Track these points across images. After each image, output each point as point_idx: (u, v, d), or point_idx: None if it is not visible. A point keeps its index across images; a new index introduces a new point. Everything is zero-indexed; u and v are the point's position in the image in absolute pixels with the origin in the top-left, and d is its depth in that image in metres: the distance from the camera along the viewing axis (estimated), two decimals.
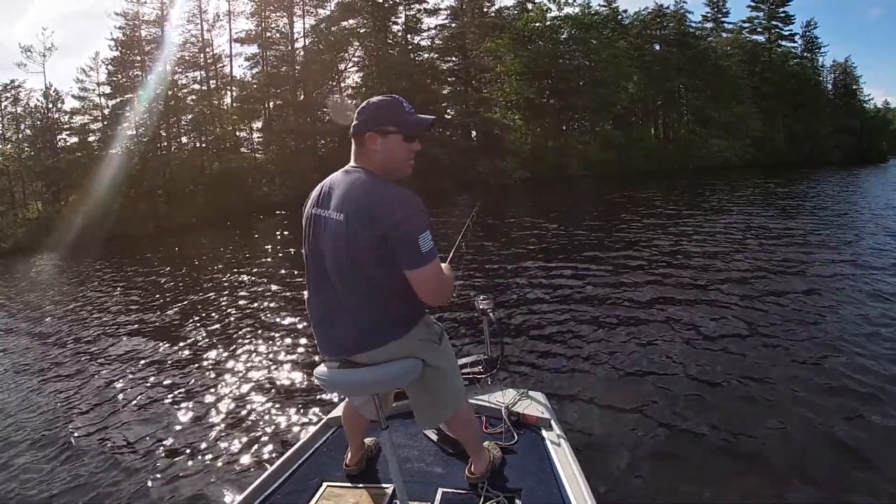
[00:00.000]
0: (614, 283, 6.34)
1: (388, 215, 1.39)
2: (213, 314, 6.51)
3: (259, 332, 5.51)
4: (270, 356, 4.73)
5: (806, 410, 3.14)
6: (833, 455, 2.72)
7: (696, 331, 4.57)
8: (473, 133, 32.61)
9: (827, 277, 6.18)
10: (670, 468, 2.67)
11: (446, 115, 32.23)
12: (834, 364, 3.74)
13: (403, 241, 1.39)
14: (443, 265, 1.53)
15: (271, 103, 28.45)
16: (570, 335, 4.62)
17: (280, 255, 11.11)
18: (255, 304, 6.78)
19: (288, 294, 7.11)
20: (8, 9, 45.93)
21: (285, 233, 14.82)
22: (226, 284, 8.43)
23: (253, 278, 8.67)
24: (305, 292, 1.62)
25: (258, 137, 29.11)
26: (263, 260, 10.62)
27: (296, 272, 8.32)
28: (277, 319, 5.94)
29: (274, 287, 7.74)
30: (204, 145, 27.21)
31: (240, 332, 5.55)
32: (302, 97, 28.23)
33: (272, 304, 6.72)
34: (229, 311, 6.58)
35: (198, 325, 6.10)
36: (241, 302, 7.01)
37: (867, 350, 3.95)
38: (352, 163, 1.54)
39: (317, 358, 3.68)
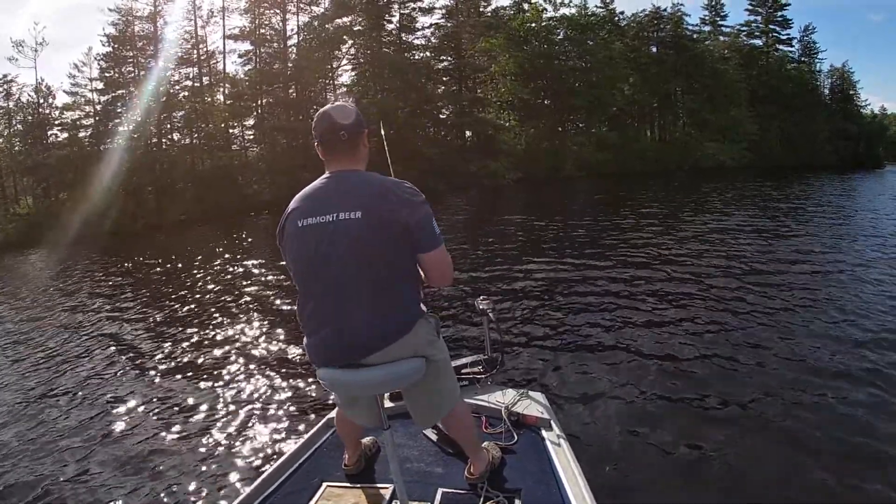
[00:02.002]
0: (614, 284, 6.34)
1: (407, 204, 1.48)
2: (207, 313, 6.44)
3: (256, 331, 5.46)
4: (269, 355, 4.68)
5: (808, 412, 3.12)
6: (839, 458, 2.69)
7: (697, 331, 4.57)
8: (468, 133, 32.56)
9: (825, 282, 6.19)
10: (671, 469, 2.65)
11: (441, 115, 32.21)
12: (840, 367, 3.71)
13: (422, 226, 1.49)
14: None
15: (263, 100, 28.32)
16: (571, 335, 4.61)
17: (272, 254, 10.99)
18: (251, 304, 6.69)
19: (284, 293, 7.02)
20: (7, 2, 45.48)
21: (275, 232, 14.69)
22: (219, 283, 8.35)
23: (246, 277, 8.59)
24: (297, 305, 1.60)
25: (250, 135, 29.01)
26: (256, 259, 10.49)
27: (286, 274, 8.18)
28: (274, 319, 5.87)
29: (269, 286, 7.66)
30: (196, 142, 27.08)
31: (235, 332, 5.48)
32: (294, 95, 28.11)
33: (268, 304, 6.64)
34: (223, 309, 6.51)
35: (192, 323, 6.03)
36: (235, 301, 6.93)
37: (875, 353, 3.94)
38: (338, 166, 1.57)
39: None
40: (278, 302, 6.63)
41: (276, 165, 24.69)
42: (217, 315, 6.27)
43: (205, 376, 4.32)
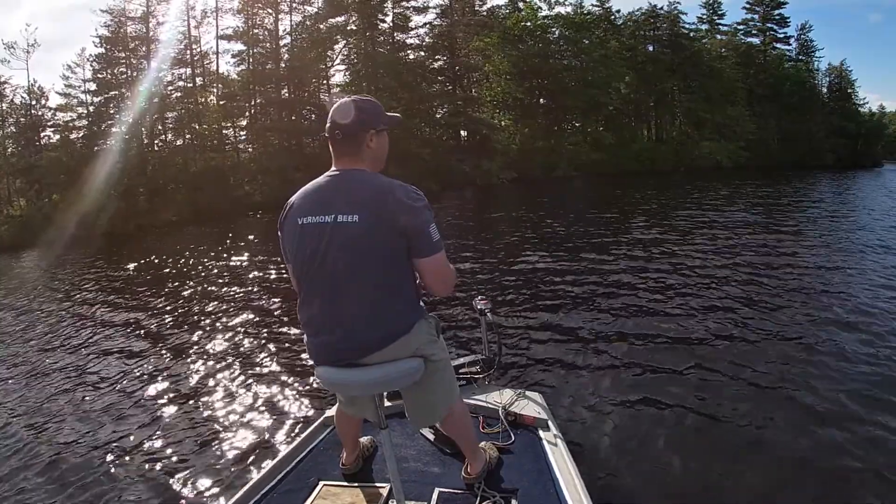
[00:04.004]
0: (613, 284, 6.33)
1: (406, 208, 1.45)
2: (201, 314, 6.39)
3: (251, 331, 5.45)
4: (266, 354, 4.67)
5: (808, 411, 3.11)
6: (840, 457, 2.67)
7: (698, 332, 4.55)
8: (464, 133, 32.43)
9: (821, 281, 6.18)
10: (668, 468, 2.65)
11: (437, 115, 32.06)
12: (839, 367, 3.68)
13: (419, 232, 1.47)
14: None
15: (256, 101, 28.20)
16: (568, 335, 4.62)
17: (267, 255, 10.97)
18: (244, 304, 6.65)
19: (280, 294, 7.02)
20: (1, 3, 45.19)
21: (269, 232, 14.76)
22: (213, 283, 8.31)
23: (241, 277, 8.57)
24: (298, 303, 1.60)
25: (242, 135, 28.90)
26: (251, 259, 10.48)
27: (285, 273, 8.25)
28: (269, 318, 5.86)
29: (264, 286, 7.64)
30: (189, 142, 26.96)
31: (230, 332, 5.47)
32: (286, 95, 28.00)
33: (261, 304, 6.60)
34: (218, 311, 6.47)
35: (185, 324, 6.01)
36: (229, 302, 6.89)
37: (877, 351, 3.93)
38: (340, 164, 1.56)
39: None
40: (272, 303, 6.60)
41: (268, 166, 24.56)
42: (212, 316, 6.24)
43: (200, 376, 4.31)
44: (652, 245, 8.63)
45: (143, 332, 5.93)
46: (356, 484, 1.89)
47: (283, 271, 8.36)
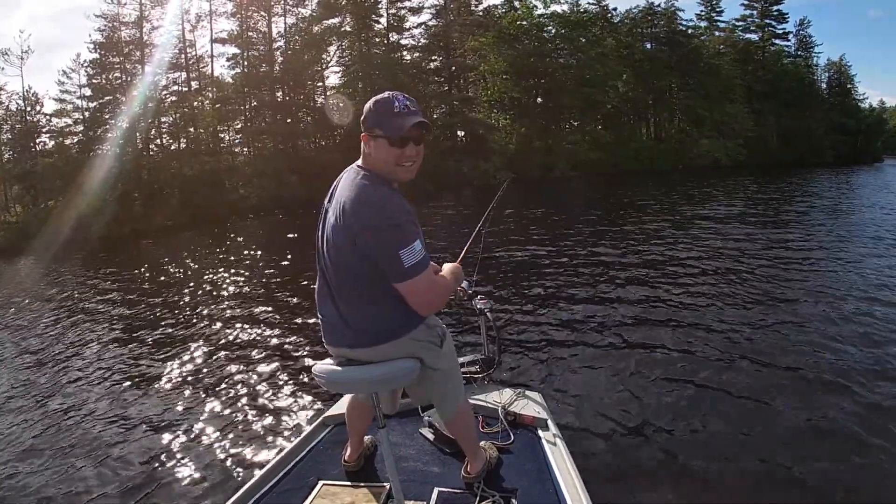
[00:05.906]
0: (612, 283, 6.33)
1: (368, 225, 1.38)
2: (200, 317, 6.41)
3: (252, 333, 5.49)
4: (265, 356, 4.70)
5: (807, 411, 3.10)
6: (837, 456, 2.67)
7: (695, 331, 4.57)
8: (461, 133, 32.33)
9: (819, 280, 6.17)
10: (667, 468, 2.66)
11: (433, 116, 31.95)
12: (840, 370, 3.66)
13: (384, 254, 1.37)
14: (448, 266, 1.64)
15: (250, 104, 28.11)
16: (568, 335, 4.63)
17: (264, 257, 10.95)
18: (244, 306, 6.66)
19: (278, 296, 7.04)
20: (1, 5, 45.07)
21: (265, 235, 14.92)
22: (210, 286, 8.31)
23: (239, 280, 8.59)
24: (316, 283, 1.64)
25: (237, 139, 28.81)
26: (248, 262, 10.44)
27: (283, 273, 8.47)
28: (269, 320, 5.88)
29: (262, 288, 7.69)
30: (184, 146, 26.89)
31: (231, 334, 5.50)
32: (281, 98, 27.91)
33: (262, 306, 6.59)
34: (217, 313, 6.50)
35: (185, 327, 6.04)
36: (228, 304, 6.91)
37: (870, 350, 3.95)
38: (359, 160, 1.55)
39: (311, 359, 4.27)
40: (269, 305, 6.59)
41: (264, 169, 24.46)
42: (209, 319, 6.25)
43: (198, 379, 4.32)
44: (652, 245, 8.61)
45: (140, 335, 5.93)
46: (356, 483, 1.89)
47: (281, 272, 8.57)
